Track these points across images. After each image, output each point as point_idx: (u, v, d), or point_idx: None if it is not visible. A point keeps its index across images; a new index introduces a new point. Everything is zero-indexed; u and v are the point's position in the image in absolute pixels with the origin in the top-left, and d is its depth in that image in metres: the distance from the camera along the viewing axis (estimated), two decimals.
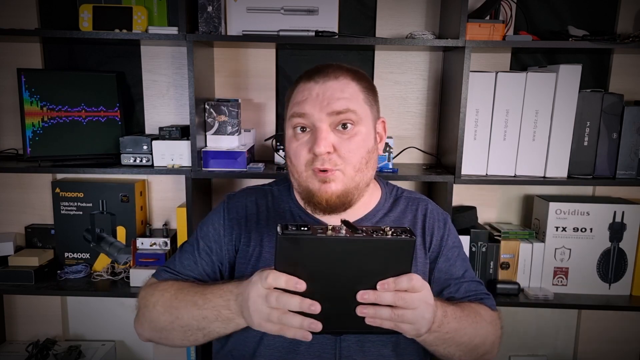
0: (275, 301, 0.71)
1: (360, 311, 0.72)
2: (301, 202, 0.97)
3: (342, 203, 0.90)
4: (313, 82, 0.90)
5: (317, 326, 0.71)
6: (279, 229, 0.71)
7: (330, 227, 0.71)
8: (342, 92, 0.89)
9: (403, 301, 0.72)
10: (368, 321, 0.73)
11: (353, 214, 0.95)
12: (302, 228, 0.70)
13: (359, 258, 0.71)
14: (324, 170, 0.88)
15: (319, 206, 0.90)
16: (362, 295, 0.72)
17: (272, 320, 0.73)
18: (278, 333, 0.73)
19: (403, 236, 0.71)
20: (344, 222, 0.72)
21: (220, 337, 0.96)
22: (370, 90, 0.95)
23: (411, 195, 1.05)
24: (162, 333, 0.92)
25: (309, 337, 0.72)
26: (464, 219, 1.52)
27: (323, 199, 0.89)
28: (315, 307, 0.71)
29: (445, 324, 0.81)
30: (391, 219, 0.99)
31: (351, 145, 0.88)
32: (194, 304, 0.85)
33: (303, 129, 0.90)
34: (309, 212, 0.96)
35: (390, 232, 0.71)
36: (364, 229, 0.72)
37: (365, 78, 0.95)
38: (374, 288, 0.72)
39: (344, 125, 0.88)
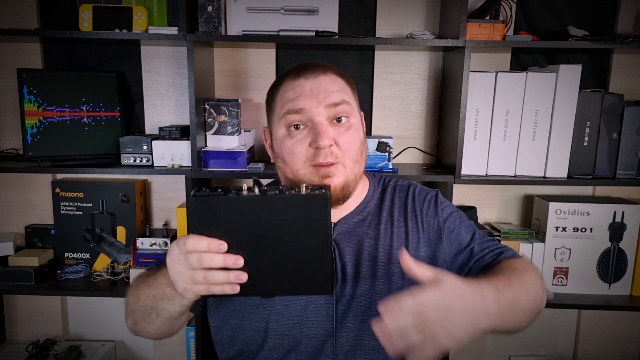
0: (197, 262, 0.69)
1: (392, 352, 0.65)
2: None
3: (344, 196, 0.91)
4: (303, 78, 0.90)
5: (243, 277, 0.70)
6: (192, 192, 0.71)
7: (245, 188, 0.71)
8: (334, 85, 0.90)
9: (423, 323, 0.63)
10: None
11: (345, 209, 0.95)
12: (217, 190, 0.70)
13: (275, 217, 0.70)
14: (327, 165, 0.87)
15: None
16: (376, 327, 0.64)
17: (197, 282, 0.70)
18: (206, 293, 0.72)
19: (317, 192, 0.70)
20: (256, 180, 0.72)
21: (223, 344, 0.97)
22: (353, 85, 0.97)
23: (398, 183, 1.04)
24: (133, 318, 0.91)
25: (237, 289, 0.71)
26: None
27: None
28: (239, 261, 0.70)
29: (502, 299, 0.72)
30: (381, 208, 0.98)
31: (348, 137, 0.90)
32: (148, 285, 0.86)
33: (297, 126, 0.89)
34: None
35: (304, 189, 0.70)
36: (280, 188, 0.72)
37: (345, 74, 0.97)
38: (295, 248, 0.71)
39: (339, 119, 0.90)
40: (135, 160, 1.44)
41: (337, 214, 0.95)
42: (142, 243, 1.52)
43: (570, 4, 1.54)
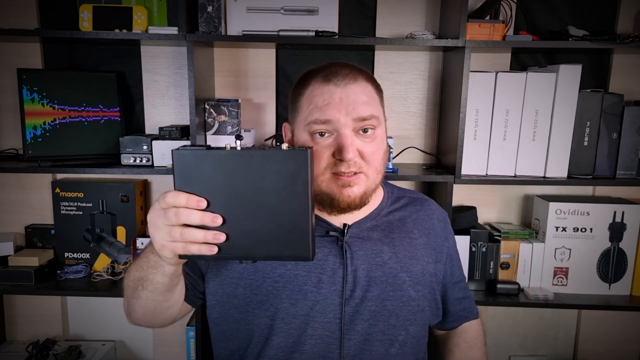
0: (175, 217, 0.68)
1: None
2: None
3: (361, 204, 0.91)
4: (333, 85, 0.88)
5: (221, 237, 0.69)
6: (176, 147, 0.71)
7: (228, 146, 0.70)
8: (364, 95, 0.89)
9: None
10: None
11: (359, 213, 0.96)
12: (201, 146, 0.70)
13: (256, 173, 0.69)
14: (348, 175, 0.88)
15: (338, 209, 0.91)
16: None
17: (174, 238, 0.69)
18: (183, 252, 0.70)
19: (297, 148, 0.69)
20: (238, 136, 0.72)
21: (226, 335, 0.96)
22: (381, 91, 0.96)
23: (412, 195, 1.06)
24: (126, 297, 0.91)
25: (215, 250, 0.70)
26: (464, 219, 1.52)
27: (346, 204, 0.89)
28: (217, 220, 0.69)
29: None
30: (396, 217, 1.00)
31: (373, 148, 0.89)
32: (138, 258, 0.86)
33: (322, 134, 0.88)
34: (324, 212, 0.96)
35: (285, 147, 0.70)
36: (262, 147, 0.72)
37: (374, 78, 0.96)
38: (276, 209, 0.70)
39: (365, 130, 0.89)
40: (135, 160, 1.44)
41: (351, 217, 0.96)
42: (142, 243, 1.52)
43: (570, 4, 1.54)
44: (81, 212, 1.57)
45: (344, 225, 0.94)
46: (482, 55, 1.57)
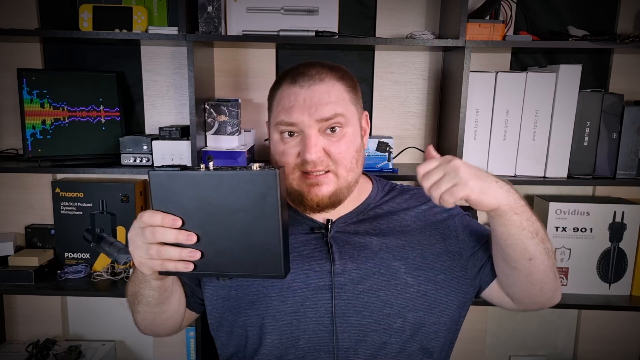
0: (151, 235, 0.72)
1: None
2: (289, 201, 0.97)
3: (333, 203, 0.92)
4: (298, 86, 0.90)
5: (196, 254, 0.73)
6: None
7: (202, 166, 0.73)
8: (329, 95, 0.90)
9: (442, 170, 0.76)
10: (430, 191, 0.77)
11: (343, 209, 0.96)
12: (176, 167, 0.73)
13: (227, 193, 0.71)
14: (316, 174, 0.89)
15: (309, 207, 0.92)
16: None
17: (152, 256, 0.73)
18: (160, 269, 0.74)
19: (267, 169, 0.71)
20: (211, 158, 0.74)
21: (222, 341, 0.98)
22: (354, 87, 0.96)
23: (404, 187, 1.06)
24: (129, 308, 0.96)
25: (191, 267, 0.73)
26: None
27: (314, 202, 0.91)
28: (192, 238, 0.72)
29: (527, 210, 0.82)
30: (384, 210, 1.00)
31: (341, 147, 0.90)
32: (133, 273, 0.91)
33: (290, 133, 0.91)
34: (299, 210, 0.97)
35: (257, 167, 0.71)
36: (234, 166, 0.74)
37: (347, 75, 0.96)
38: (248, 228, 0.72)
39: (332, 129, 0.90)
40: (135, 160, 1.44)
41: (335, 213, 0.96)
42: None
43: (570, 4, 1.54)
44: (81, 212, 1.57)
45: (328, 220, 0.95)
46: (482, 55, 1.57)
